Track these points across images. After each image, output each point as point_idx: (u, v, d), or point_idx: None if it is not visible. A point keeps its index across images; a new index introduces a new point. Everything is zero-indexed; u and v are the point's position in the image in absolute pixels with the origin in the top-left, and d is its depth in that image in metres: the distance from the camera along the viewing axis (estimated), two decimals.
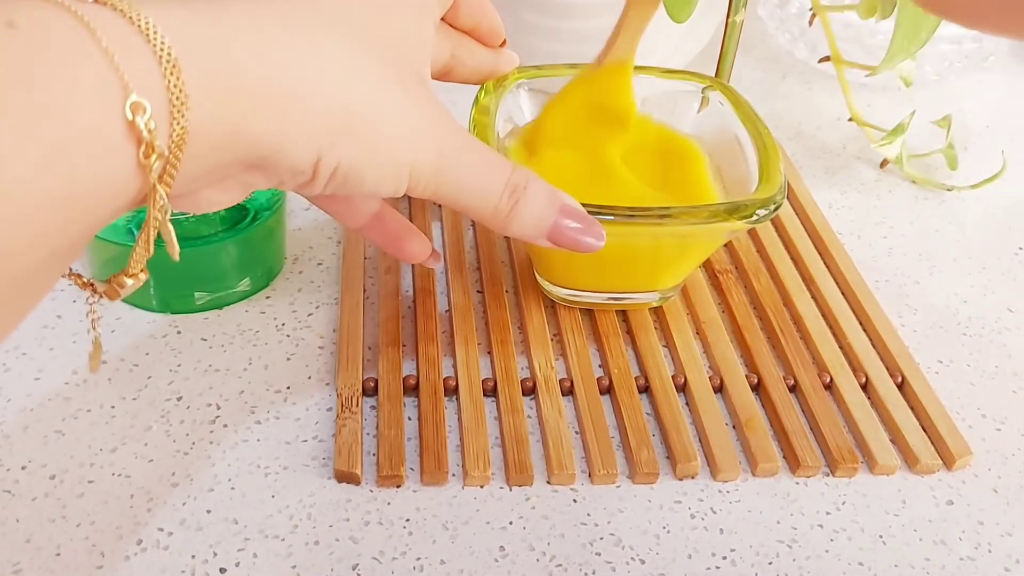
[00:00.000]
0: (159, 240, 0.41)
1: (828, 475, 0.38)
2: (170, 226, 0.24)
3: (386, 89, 0.27)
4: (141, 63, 0.21)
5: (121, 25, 0.21)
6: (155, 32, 0.21)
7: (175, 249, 0.25)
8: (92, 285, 0.26)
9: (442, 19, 0.35)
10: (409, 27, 0.30)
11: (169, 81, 0.21)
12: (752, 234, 0.49)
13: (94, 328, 0.29)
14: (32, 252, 0.20)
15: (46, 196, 0.20)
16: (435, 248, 0.37)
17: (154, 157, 0.22)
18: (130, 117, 0.21)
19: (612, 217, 0.36)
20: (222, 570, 0.33)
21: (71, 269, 0.26)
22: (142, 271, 0.26)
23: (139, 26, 0.21)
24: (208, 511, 0.34)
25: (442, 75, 0.36)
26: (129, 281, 0.26)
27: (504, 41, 0.38)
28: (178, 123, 0.22)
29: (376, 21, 0.28)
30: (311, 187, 0.27)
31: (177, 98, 0.22)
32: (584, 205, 0.35)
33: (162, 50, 0.21)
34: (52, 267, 0.22)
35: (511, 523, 0.35)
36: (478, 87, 0.41)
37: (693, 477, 0.37)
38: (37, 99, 0.20)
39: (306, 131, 0.25)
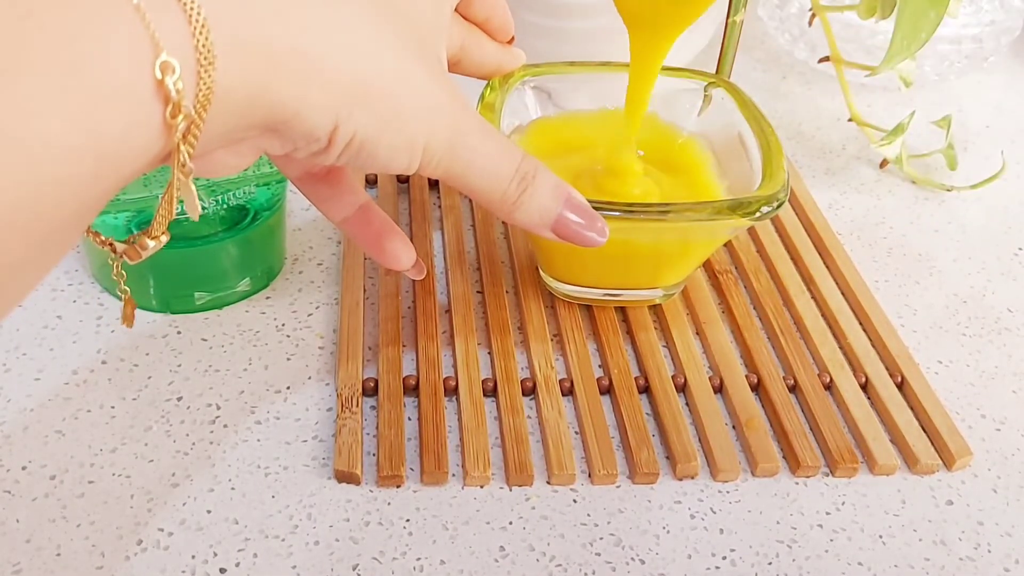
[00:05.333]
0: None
1: (828, 475, 0.38)
2: (192, 186, 0.24)
3: (408, 64, 0.27)
4: (171, 21, 0.21)
5: None
6: None
7: (196, 208, 0.25)
8: (111, 244, 0.27)
9: (455, 9, 0.35)
10: (429, 9, 0.30)
11: (198, 41, 0.21)
12: (752, 234, 0.49)
13: (121, 285, 0.29)
14: (60, 209, 0.21)
15: (75, 153, 0.20)
16: (419, 259, 0.37)
17: (180, 117, 0.22)
18: (159, 76, 0.21)
19: (615, 213, 0.36)
20: (222, 570, 0.33)
21: (88, 227, 0.26)
22: (164, 233, 0.26)
23: None
24: (208, 511, 0.34)
25: (450, 65, 0.36)
26: (152, 243, 0.26)
27: (512, 38, 0.38)
28: (204, 83, 0.22)
29: (402, 0, 0.28)
30: (325, 155, 0.27)
31: (205, 58, 0.22)
32: (589, 201, 0.36)
33: (191, 9, 0.21)
34: (75, 227, 0.22)
35: (511, 523, 0.35)
36: (483, 85, 0.41)
37: (693, 477, 0.37)
38: (69, 55, 0.20)
39: (326, 97, 0.25)
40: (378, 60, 0.26)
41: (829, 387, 0.41)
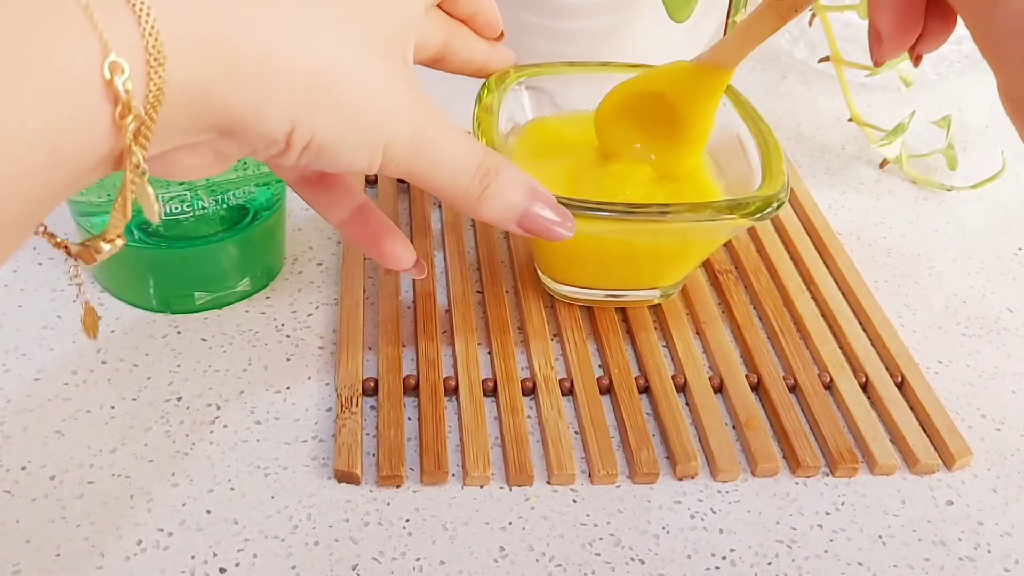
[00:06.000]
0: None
1: (828, 475, 0.38)
2: (149, 188, 0.24)
3: (368, 62, 0.27)
4: (120, 21, 0.21)
5: None
6: None
7: (153, 211, 0.25)
8: (66, 246, 0.26)
9: (439, 6, 0.35)
10: (399, 5, 0.29)
11: (147, 41, 0.21)
12: (752, 234, 0.49)
13: (80, 292, 0.29)
14: (7, 206, 0.21)
15: (23, 152, 0.20)
16: (420, 259, 0.36)
17: (130, 118, 0.22)
18: (108, 77, 0.21)
19: (614, 214, 0.36)
20: (222, 570, 0.33)
21: (44, 227, 0.26)
22: (119, 237, 0.26)
23: None
24: (208, 511, 0.34)
25: (433, 62, 0.36)
26: (106, 246, 0.26)
27: (501, 35, 0.38)
28: (154, 83, 0.22)
29: None
30: (284, 157, 0.26)
31: (155, 58, 0.22)
32: (586, 201, 0.36)
33: (140, 10, 0.21)
34: (25, 224, 0.22)
35: (511, 523, 0.35)
36: (481, 85, 0.41)
37: (693, 477, 0.37)
38: (18, 56, 0.20)
39: (282, 99, 0.25)
40: (337, 61, 0.26)
41: (829, 387, 0.41)
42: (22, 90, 0.20)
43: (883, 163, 0.56)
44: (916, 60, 0.31)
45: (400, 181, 0.51)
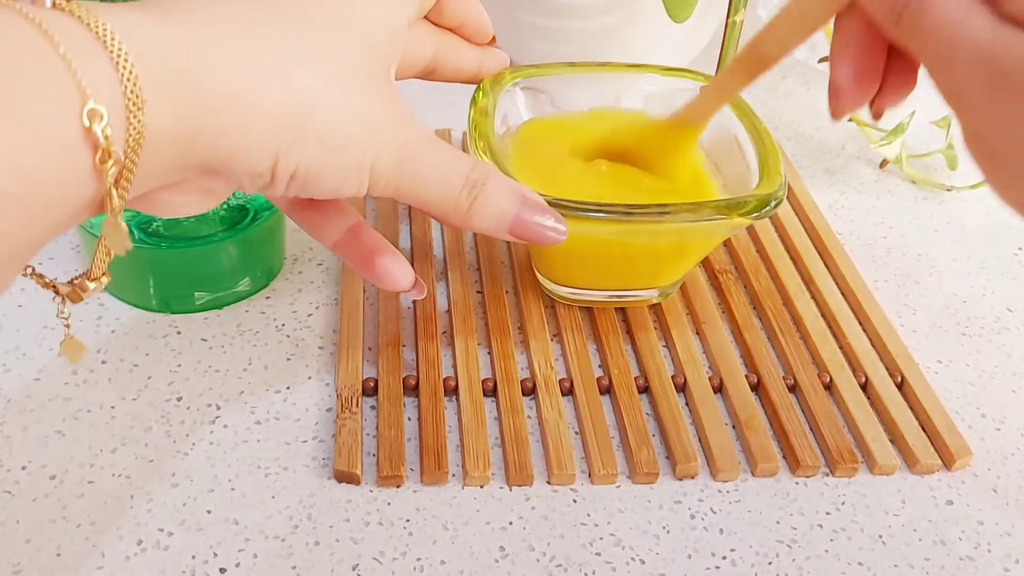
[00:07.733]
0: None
1: (828, 475, 0.38)
2: (123, 224, 0.24)
3: (349, 87, 0.27)
4: (98, 68, 0.21)
5: (78, 31, 0.22)
6: (112, 38, 0.22)
7: (125, 246, 0.25)
8: (55, 287, 0.27)
9: (426, 17, 0.35)
10: (379, 23, 0.29)
11: (125, 87, 0.22)
12: (751, 234, 0.49)
13: (67, 326, 0.29)
14: None
15: (5, 202, 0.20)
16: (419, 279, 0.35)
17: (110, 163, 0.22)
18: (87, 124, 0.21)
19: (610, 215, 0.36)
20: (222, 570, 0.33)
21: (33, 268, 0.26)
22: (104, 275, 0.26)
23: (96, 32, 0.22)
24: (208, 511, 0.34)
25: (425, 74, 0.36)
26: (92, 285, 0.26)
27: (493, 39, 0.38)
28: (134, 127, 0.22)
29: (344, 15, 0.28)
30: (272, 189, 0.27)
31: (134, 103, 0.22)
32: (584, 202, 0.36)
33: (119, 56, 0.22)
34: (8, 268, 0.22)
35: (511, 523, 0.35)
36: (475, 88, 0.41)
37: (693, 477, 0.37)
38: None
39: (260, 135, 0.25)
40: (313, 91, 0.26)
41: (829, 387, 0.41)
42: (1, 141, 0.20)
43: (883, 163, 0.56)
44: (876, 114, 0.31)
45: None
